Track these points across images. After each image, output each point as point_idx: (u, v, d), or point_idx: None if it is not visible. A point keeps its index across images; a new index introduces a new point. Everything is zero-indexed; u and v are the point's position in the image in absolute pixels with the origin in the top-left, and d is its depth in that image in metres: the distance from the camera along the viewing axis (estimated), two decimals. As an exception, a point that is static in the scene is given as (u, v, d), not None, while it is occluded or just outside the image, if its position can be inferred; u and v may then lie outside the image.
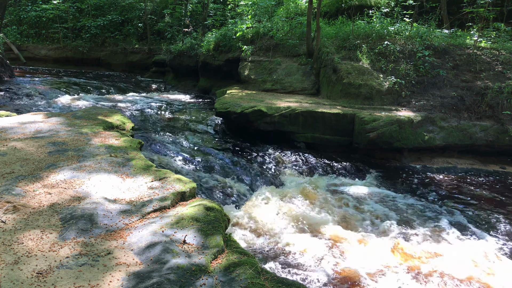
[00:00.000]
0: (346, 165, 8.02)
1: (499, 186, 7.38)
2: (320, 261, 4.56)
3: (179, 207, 3.60)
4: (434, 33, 10.58)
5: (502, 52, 9.89)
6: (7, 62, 14.09)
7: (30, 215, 3.19)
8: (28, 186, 3.71)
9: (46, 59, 20.85)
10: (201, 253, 2.87)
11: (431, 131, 8.47)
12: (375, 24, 11.35)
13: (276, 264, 4.46)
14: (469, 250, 4.98)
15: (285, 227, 5.42)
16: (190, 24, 18.71)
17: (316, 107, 8.84)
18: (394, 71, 9.60)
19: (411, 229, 5.50)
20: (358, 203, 6.33)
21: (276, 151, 8.27)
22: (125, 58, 20.71)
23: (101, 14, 22.08)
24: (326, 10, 14.38)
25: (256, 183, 7.04)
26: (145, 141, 7.37)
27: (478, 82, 9.22)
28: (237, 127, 9.28)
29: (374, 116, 8.27)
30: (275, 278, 2.78)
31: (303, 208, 6.00)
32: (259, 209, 5.75)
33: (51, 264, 2.59)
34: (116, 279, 2.50)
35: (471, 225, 5.74)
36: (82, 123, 6.21)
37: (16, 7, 22.44)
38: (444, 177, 7.78)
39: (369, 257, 4.69)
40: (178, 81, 17.21)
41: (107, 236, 3.00)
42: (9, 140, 5.07)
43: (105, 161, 4.49)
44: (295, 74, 11.31)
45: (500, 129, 8.48)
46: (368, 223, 5.69)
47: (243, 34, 12.80)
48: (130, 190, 3.81)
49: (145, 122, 9.81)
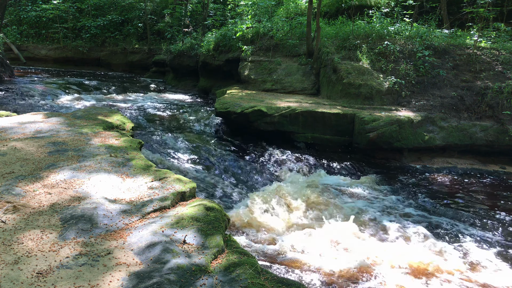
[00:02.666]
0: (346, 165, 8.02)
1: (499, 186, 7.38)
2: (320, 260, 4.55)
3: (179, 207, 3.60)
4: (434, 33, 10.58)
5: (502, 52, 9.89)
6: (7, 62, 14.09)
7: (30, 215, 3.19)
8: (28, 186, 3.71)
9: (46, 59, 20.84)
10: (201, 253, 2.87)
11: (431, 131, 8.47)
12: (375, 24, 11.35)
13: (276, 264, 4.46)
14: (469, 250, 4.98)
15: (285, 227, 5.42)
16: (190, 24, 18.71)
17: (316, 107, 8.84)
18: (394, 71, 9.60)
19: (410, 229, 5.50)
20: (357, 203, 6.33)
21: (276, 151, 8.27)
22: (125, 58, 20.70)
23: (101, 14, 22.08)
24: (326, 10, 14.38)
25: (256, 183, 7.04)
26: (145, 141, 7.37)
27: (478, 82, 9.22)
28: (237, 127, 9.28)
29: (374, 116, 8.27)
30: (275, 278, 2.78)
31: (302, 208, 6.00)
32: (259, 209, 5.75)
33: (51, 264, 2.59)
34: (116, 279, 2.50)
35: (471, 226, 5.74)
36: (82, 123, 6.21)
37: (16, 7, 22.42)
38: (444, 177, 7.78)
39: (369, 257, 4.69)
40: (178, 81, 17.21)
41: (107, 236, 3.00)
42: (9, 140, 5.07)
43: (105, 161, 4.49)
44: (295, 74, 11.31)
45: (500, 129, 8.48)
46: (366, 222, 5.68)
47: (243, 34, 12.80)
48: (130, 190, 3.81)
49: (145, 122, 9.81)
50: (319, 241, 5.01)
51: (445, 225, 5.68)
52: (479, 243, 5.22)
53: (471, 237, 5.37)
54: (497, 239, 5.37)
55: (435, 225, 5.70)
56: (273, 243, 4.96)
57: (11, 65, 14.75)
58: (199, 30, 18.27)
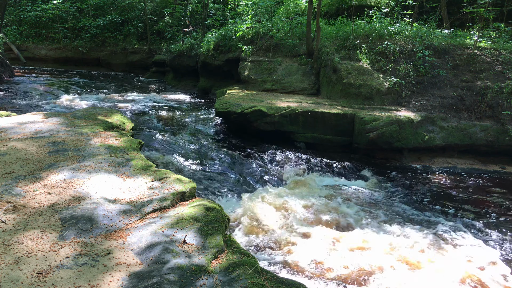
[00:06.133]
0: (346, 165, 8.01)
1: (499, 186, 7.38)
2: (320, 260, 4.55)
3: (179, 207, 3.60)
4: (434, 33, 10.58)
5: (502, 52, 9.89)
6: (7, 62, 14.10)
7: (30, 215, 3.19)
8: (28, 186, 3.71)
9: (46, 59, 20.85)
10: (201, 253, 2.87)
11: (431, 131, 8.47)
12: (375, 24, 11.35)
13: (276, 264, 4.45)
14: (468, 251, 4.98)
15: (284, 227, 5.42)
16: (190, 24, 18.71)
17: (316, 107, 8.84)
18: (394, 71, 9.60)
19: (409, 230, 5.50)
20: (358, 203, 6.33)
21: (276, 151, 8.27)
22: (125, 58, 20.71)
23: (101, 14, 22.07)
24: (326, 10, 14.38)
25: (256, 183, 7.04)
26: (145, 141, 7.37)
27: (478, 82, 9.22)
28: (237, 127, 9.28)
29: (374, 116, 8.27)
30: (275, 278, 2.78)
31: (302, 208, 6.00)
32: (258, 209, 5.74)
33: (51, 264, 2.59)
34: (116, 279, 2.50)
35: (470, 226, 5.74)
36: (82, 123, 6.21)
37: (16, 7, 22.42)
38: (444, 177, 7.78)
39: (370, 257, 4.69)
40: (178, 81, 17.21)
41: (107, 236, 3.00)
42: (9, 140, 5.07)
43: (105, 161, 4.49)
44: (295, 74, 11.31)
45: (500, 129, 8.48)
46: (367, 222, 5.68)
47: (243, 34, 12.80)
48: (130, 190, 3.81)
49: (145, 122, 9.82)
50: (319, 241, 5.01)
51: (445, 225, 5.67)
52: (479, 243, 5.21)
53: (470, 238, 5.37)
54: (497, 240, 5.36)
55: (435, 225, 5.69)
56: (273, 243, 4.96)
57: (11, 65, 14.75)
58: (199, 30, 18.28)
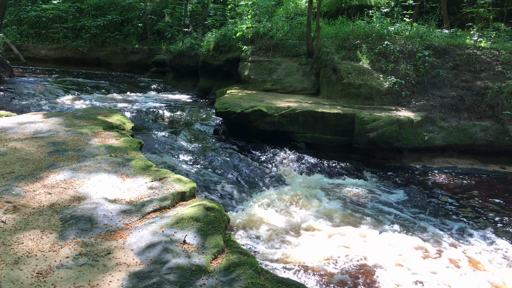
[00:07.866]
0: (346, 165, 8.01)
1: (499, 186, 7.38)
2: (320, 260, 4.55)
3: (179, 207, 3.60)
4: (434, 33, 10.58)
5: (502, 52, 9.89)
6: (7, 62, 14.09)
7: (30, 215, 3.19)
8: (28, 186, 3.71)
9: (46, 59, 20.85)
10: (201, 253, 2.87)
11: (431, 131, 8.47)
12: (375, 24, 11.35)
13: (276, 264, 4.45)
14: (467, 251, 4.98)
15: (284, 227, 5.42)
16: (190, 24, 18.71)
17: (316, 107, 8.84)
18: (394, 71, 9.59)
19: (409, 229, 5.50)
20: (357, 203, 6.33)
21: (276, 151, 8.27)
22: (125, 58, 20.70)
23: (101, 14, 22.08)
24: (326, 10, 14.38)
25: (256, 183, 7.04)
26: (145, 141, 7.37)
27: (478, 82, 9.22)
28: (237, 127, 9.28)
29: (374, 116, 8.27)
30: (275, 278, 2.78)
31: (302, 208, 6.00)
32: (258, 209, 5.74)
33: (51, 264, 2.59)
34: (116, 279, 2.50)
35: (470, 226, 5.74)
36: (82, 123, 6.21)
37: (16, 7, 22.43)
38: (444, 177, 7.78)
39: (371, 257, 4.69)
40: (178, 81, 17.21)
41: (107, 236, 3.00)
42: (9, 140, 5.07)
43: (105, 161, 4.49)
44: (295, 74, 11.31)
45: (500, 129, 8.48)
46: (366, 222, 5.68)
47: (243, 34, 12.80)
48: (130, 190, 3.81)
49: (145, 122, 9.82)
50: (319, 241, 5.01)
51: (445, 226, 5.67)
52: (480, 243, 5.22)
53: (472, 237, 5.37)
54: (497, 241, 5.36)
55: (435, 225, 5.69)
56: (273, 243, 4.96)
57: (11, 65, 14.75)
58: (199, 30, 18.28)
